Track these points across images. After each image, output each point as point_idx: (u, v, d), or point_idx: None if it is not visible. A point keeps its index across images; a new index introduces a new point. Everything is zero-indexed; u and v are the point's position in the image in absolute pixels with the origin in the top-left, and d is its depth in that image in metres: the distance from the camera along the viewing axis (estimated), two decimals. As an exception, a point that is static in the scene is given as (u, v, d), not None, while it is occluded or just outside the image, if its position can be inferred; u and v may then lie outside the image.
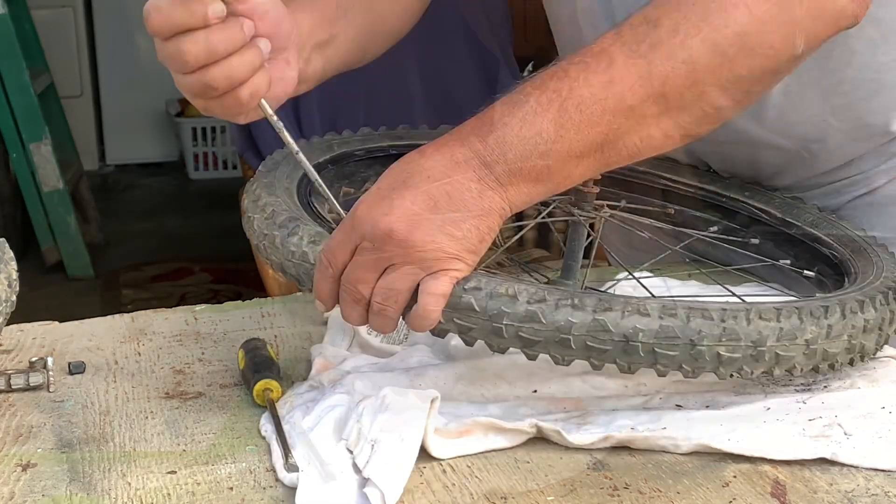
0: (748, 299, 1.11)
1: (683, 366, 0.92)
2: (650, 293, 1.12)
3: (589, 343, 0.91)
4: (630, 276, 1.18)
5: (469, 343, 0.95)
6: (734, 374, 0.94)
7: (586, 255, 1.15)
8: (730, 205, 1.30)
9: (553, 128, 0.92)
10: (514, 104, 0.94)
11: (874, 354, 1.04)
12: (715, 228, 1.29)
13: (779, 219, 1.26)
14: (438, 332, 0.95)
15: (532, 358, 0.94)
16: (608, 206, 1.16)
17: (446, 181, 0.92)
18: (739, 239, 1.28)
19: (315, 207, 1.12)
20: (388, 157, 1.26)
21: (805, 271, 1.21)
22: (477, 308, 0.92)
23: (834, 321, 0.97)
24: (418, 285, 0.92)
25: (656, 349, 0.91)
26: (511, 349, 0.94)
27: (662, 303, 0.92)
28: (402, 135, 1.30)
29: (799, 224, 1.25)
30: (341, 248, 0.94)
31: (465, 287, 0.92)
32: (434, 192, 0.91)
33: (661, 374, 0.94)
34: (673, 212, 1.31)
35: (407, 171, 0.94)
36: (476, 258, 0.93)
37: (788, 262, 1.23)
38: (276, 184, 1.10)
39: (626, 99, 0.93)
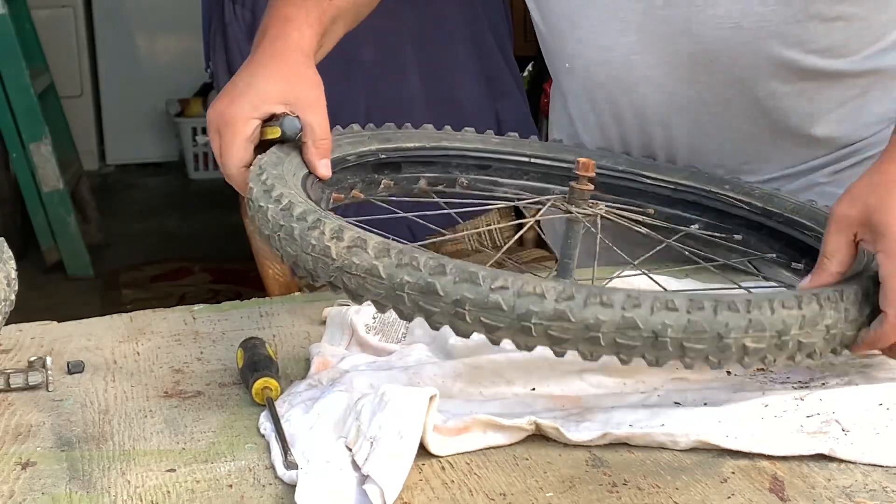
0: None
1: (710, 357, 0.92)
2: (661, 286, 1.13)
3: (618, 340, 0.91)
4: (623, 275, 1.18)
5: (495, 342, 0.94)
6: (758, 363, 0.94)
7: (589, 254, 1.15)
8: (710, 200, 1.31)
9: None
10: None
11: None
12: (696, 226, 1.30)
13: (760, 208, 1.28)
14: (462, 332, 0.94)
15: (560, 355, 0.94)
16: (603, 203, 1.16)
17: None
18: (723, 235, 1.28)
19: (319, 203, 1.12)
20: (379, 165, 1.27)
21: (793, 263, 1.22)
22: (504, 307, 0.91)
23: (850, 304, 0.98)
24: None
25: (684, 343, 0.91)
26: (537, 345, 0.93)
27: (689, 297, 0.93)
28: (389, 137, 1.30)
29: (780, 212, 1.26)
30: None
31: (493, 286, 0.91)
32: None
33: (688, 367, 0.94)
34: (653, 212, 1.31)
35: None
36: None
37: (774, 255, 1.24)
38: (285, 176, 1.09)
39: None
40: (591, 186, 1.15)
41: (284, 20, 1.19)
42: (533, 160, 1.34)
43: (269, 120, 1.13)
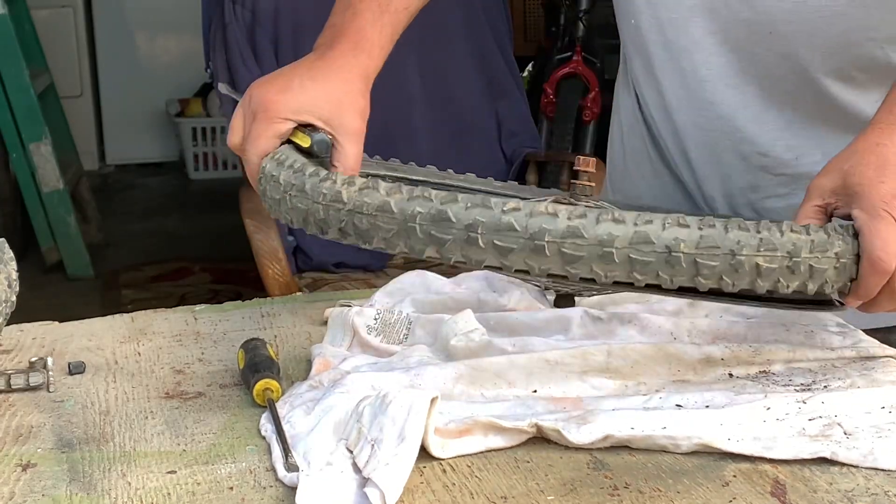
0: None
1: (724, 277, 0.93)
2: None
3: (632, 256, 0.91)
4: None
5: (508, 268, 0.94)
6: (770, 288, 0.95)
7: None
8: None
9: None
10: None
11: None
12: None
13: None
14: (475, 261, 0.94)
15: (573, 279, 0.93)
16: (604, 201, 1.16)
17: None
18: None
19: None
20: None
21: None
22: (518, 227, 0.91)
23: (855, 239, 0.98)
24: None
25: (698, 260, 0.92)
26: (550, 269, 0.92)
27: (699, 216, 0.93)
28: (395, 167, 1.30)
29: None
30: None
31: (504, 209, 0.92)
32: None
33: (703, 289, 0.94)
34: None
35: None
36: None
37: None
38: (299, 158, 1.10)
39: None
40: (593, 183, 1.15)
41: (359, 33, 1.17)
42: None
43: (303, 126, 1.13)
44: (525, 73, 4.96)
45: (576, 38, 4.46)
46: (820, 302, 1.04)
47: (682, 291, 0.96)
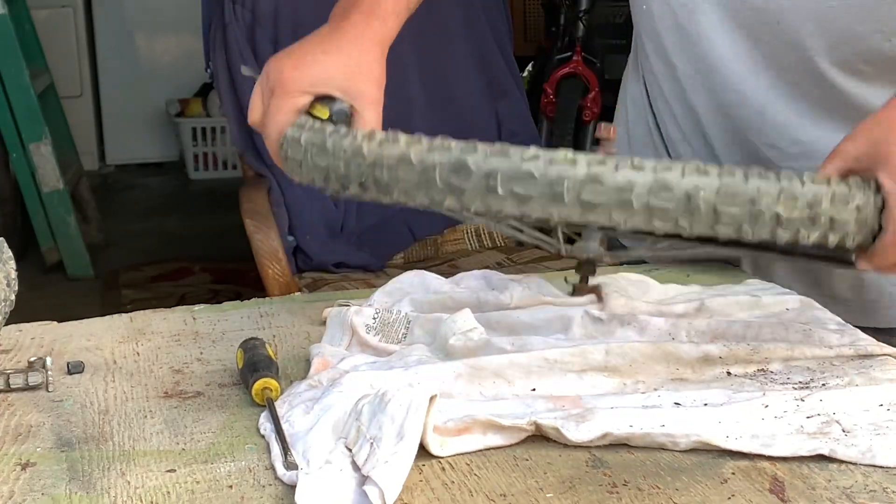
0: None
1: (744, 226, 0.92)
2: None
3: (651, 203, 0.91)
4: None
5: (528, 216, 0.94)
6: (791, 239, 0.94)
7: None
8: None
9: None
10: None
11: None
12: None
13: None
14: (494, 210, 0.94)
15: (592, 226, 0.93)
16: None
17: None
18: None
19: None
20: None
21: None
22: (536, 175, 0.91)
23: (876, 194, 0.97)
24: None
25: (718, 207, 0.91)
26: (569, 217, 0.92)
27: (719, 165, 0.93)
28: None
29: None
30: None
31: (524, 157, 0.92)
32: None
33: (723, 237, 0.93)
34: None
35: None
36: None
37: None
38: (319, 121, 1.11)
39: None
40: (615, 150, 1.15)
41: (373, 1, 1.17)
42: None
43: (322, 98, 1.13)
44: (525, 73, 4.96)
45: (576, 38, 4.47)
46: (840, 259, 1.03)
47: (702, 241, 0.95)
